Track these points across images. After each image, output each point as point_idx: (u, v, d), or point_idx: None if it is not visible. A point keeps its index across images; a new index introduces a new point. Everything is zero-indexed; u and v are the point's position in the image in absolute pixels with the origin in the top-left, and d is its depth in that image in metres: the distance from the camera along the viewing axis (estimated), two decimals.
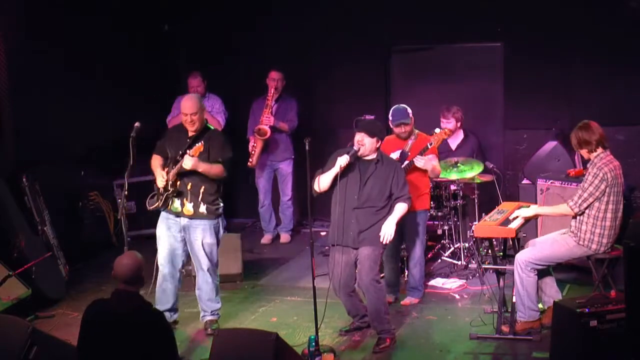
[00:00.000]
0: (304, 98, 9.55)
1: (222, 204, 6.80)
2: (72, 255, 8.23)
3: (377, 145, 6.36)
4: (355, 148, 6.29)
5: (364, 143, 6.28)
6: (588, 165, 6.39)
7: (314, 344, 6.03)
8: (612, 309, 5.54)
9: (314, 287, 6.21)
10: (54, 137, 8.34)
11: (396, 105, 7.22)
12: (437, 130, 7.34)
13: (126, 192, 6.53)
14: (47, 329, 6.46)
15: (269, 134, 8.88)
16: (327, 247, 8.68)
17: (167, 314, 6.77)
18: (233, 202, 10.02)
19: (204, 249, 6.66)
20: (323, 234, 9.45)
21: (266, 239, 9.45)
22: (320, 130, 9.18)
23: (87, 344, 4.71)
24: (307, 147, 6.19)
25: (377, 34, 9.35)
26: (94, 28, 8.77)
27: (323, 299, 6.50)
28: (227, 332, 5.49)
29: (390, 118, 7.16)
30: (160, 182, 6.60)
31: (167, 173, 6.61)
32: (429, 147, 7.13)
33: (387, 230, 6.29)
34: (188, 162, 6.40)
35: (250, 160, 9.03)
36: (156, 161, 6.74)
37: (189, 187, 6.58)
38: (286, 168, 9.23)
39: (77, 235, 8.76)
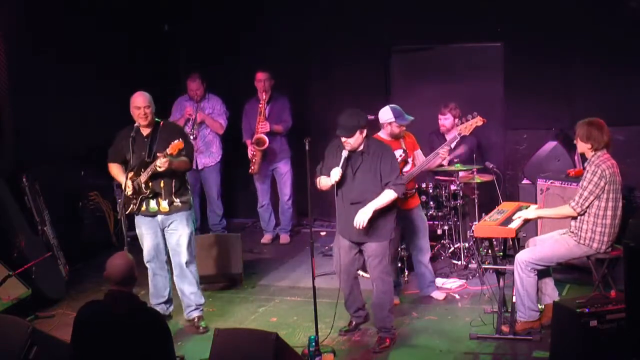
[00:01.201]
0: (303, 98, 9.57)
1: (190, 195, 6.92)
2: (72, 255, 8.23)
3: (363, 135, 6.25)
4: (344, 155, 6.24)
5: (349, 142, 6.25)
6: (585, 164, 6.39)
7: (314, 344, 6.03)
8: (612, 309, 5.53)
9: (314, 287, 6.21)
10: (54, 137, 8.34)
11: (391, 105, 7.08)
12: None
13: (126, 192, 6.60)
14: (47, 329, 6.46)
15: (267, 144, 8.87)
16: (327, 247, 8.72)
17: (162, 306, 6.92)
18: (233, 202, 10.03)
19: (186, 240, 6.77)
20: (323, 234, 9.46)
21: (266, 238, 9.45)
22: (320, 131, 9.13)
23: (83, 345, 4.69)
24: (307, 147, 6.19)
25: (377, 34, 9.35)
26: (94, 28, 8.78)
27: (323, 299, 6.53)
28: (227, 332, 5.48)
29: (394, 119, 6.99)
30: (127, 190, 6.64)
31: (135, 176, 6.64)
32: (458, 136, 7.23)
33: (360, 217, 6.12)
34: (163, 164, 6.44)
35: (252, 167, 9.03)
36: (115, 169, 6.81)
37: (162, 185, 6.67)
38: (284, 167, 9.23)
39: (77, 235, 8.75)
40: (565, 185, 7.57)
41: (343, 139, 6.22)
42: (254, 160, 8.99)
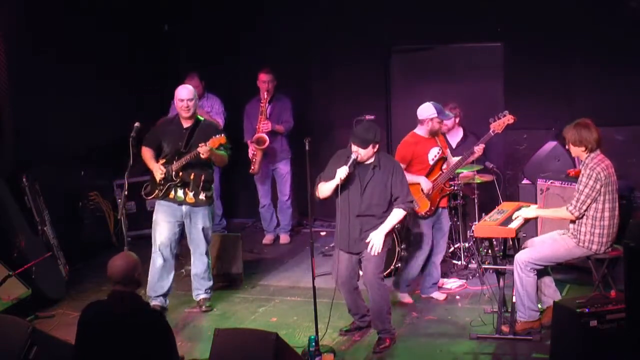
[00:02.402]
0: (304, 98, 9.56)
1: (213, 192, 7.26)
2: (72, 255, 8.23)
3: (375, 150, 6.28)
4: (353, 157, 6.23)
5: (360, 153, 6.25)
6: (580, 166, 6.39)
7: (314, 344, 6.03)
8: (612, 309, 5.54)
9: (314, 287, 6.21)
10: (54, 137, 8.34)
11: (431, 102, 7.15)
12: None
13: (126, 192, 6.72)
14: (47, 329, 6.46)
15: (267, 142, 8.86)
16: (327, 247, 8.71)
17: (161, 299, 7.13)
18: (233, 202, 10.03)
19: (203, 233, 7.10)
20: (323, 234, 9.46)
21: (267, 239, 9.44)
22: (320, 131, 9.18)
23: (86, 345, 4.69)
24: (307, 147, 6.19)
25: (377, 34, 9.34)
26: (95, 28, 8.78)
27: (323, 299, 6.53)
28: (227, 332, 5.48)
29: (437, 114, 7.09)
30: (159, 175, 6.94)
31: (166, 164, 6.94)
32: (492, 134, 7.21)
33: (376, 242, 6.23)
34: (205, 151, 6.74)
35: (253, 167, 9.01)
36: (148, 153, 7.06)
37: (192, 176, 6.97)
38: (284, 168, 9.23)
39: (77, 235, 8.76)
40: (565, 185, 7.57)
41: (355, 148, 6.23)
42: (254, 160, 8.98)
